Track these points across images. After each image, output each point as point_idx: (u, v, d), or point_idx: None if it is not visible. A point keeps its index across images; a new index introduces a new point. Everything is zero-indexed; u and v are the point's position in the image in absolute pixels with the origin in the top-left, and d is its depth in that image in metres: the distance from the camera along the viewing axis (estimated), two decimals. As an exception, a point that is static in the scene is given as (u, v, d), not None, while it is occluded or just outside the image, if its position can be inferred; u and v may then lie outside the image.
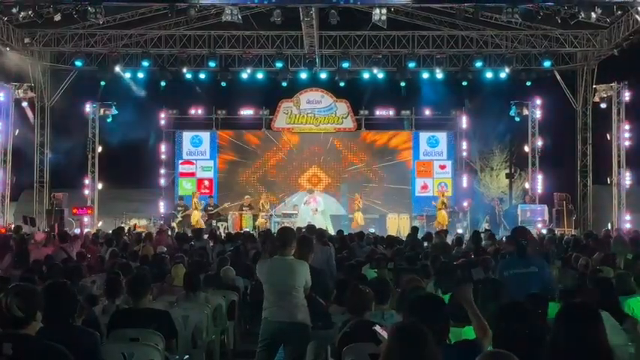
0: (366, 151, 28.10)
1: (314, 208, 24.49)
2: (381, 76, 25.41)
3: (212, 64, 24.85)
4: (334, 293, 8.70)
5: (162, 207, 26.98)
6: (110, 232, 19.04)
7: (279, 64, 24.78)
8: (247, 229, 22.73)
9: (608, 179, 24.57)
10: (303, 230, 13.21)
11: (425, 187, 27.89)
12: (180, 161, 28.11)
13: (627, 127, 23.84)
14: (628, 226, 22.02)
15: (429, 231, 19.01)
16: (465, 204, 26.28)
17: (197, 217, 24.05)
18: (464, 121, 27.72)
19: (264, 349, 7.43)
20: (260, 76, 25.69)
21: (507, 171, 29.22)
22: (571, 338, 3.99)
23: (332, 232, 21.11)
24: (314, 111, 27.77)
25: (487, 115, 27.13)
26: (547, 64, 24.45)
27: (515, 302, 4.70)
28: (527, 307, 4.53)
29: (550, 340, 4.08)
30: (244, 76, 25.44)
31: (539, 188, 26.54)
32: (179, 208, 25.22)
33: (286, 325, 7.29)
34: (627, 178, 23.81)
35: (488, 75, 25.37)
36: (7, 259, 12.55)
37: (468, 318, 5.03)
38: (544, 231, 21.57)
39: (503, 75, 25.27)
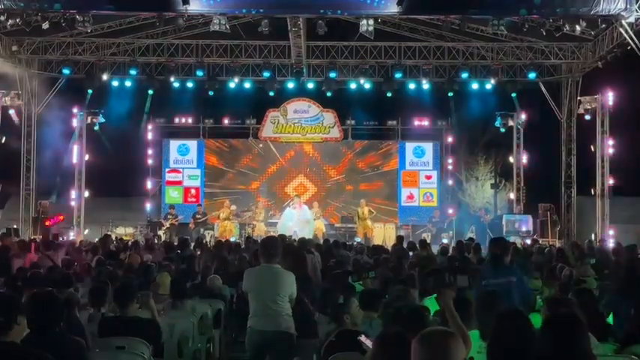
0: (352, 160, 28.18)
1: (298, 211, 24.52)
2: (367, 86, 25.53)
3: (200, 73, 24.88)
4: (320, 302, 8.76)
5: (148, 215, 26.94)
6: (96, 240, 19.01)
7: (266, 74, 24.82)
8: (233, 238, 22.72)
9: (592, 190, 24.75)
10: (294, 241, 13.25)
11: (411, 197, 28.00)
12: (167, 169, 28.10)
13: (611, 139, 24.03)
14: (611, 239, 22.12)
15: (413, 240, 19.11)
16: (450, 213, 26.41)
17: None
18: (449, 132, 27.87)
19: (252, 358, 7.49)
20: (247, 85, 25.74)
21: (492, 181, 29.42)
22: (558, 348, 4.04)
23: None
24: (301, 121, 27.84)
25: (472, 125, 27.29)
26: (532, 75, 24.61)
27: (515, 310, 4.73)
28: (526, 315, 4.56)
29: (537, 350, 4.13)
30: (232, 85, 25.48)
31: (524, 199, 26.73)
32: (169, 217, 25.22)
33: (271, 334, 7.34)
34: (611, 190, 23.94)
35: (474, 86, 25.54)
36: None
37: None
38: (528, 241, 21.73)
39: (488, 86, 25.44)
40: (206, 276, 11.12)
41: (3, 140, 24.56)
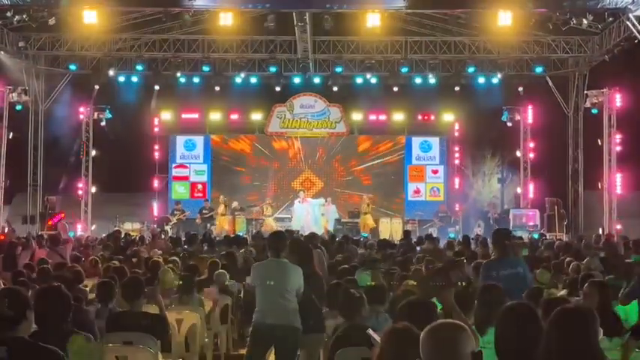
0: (359, 155, 28.16)
1: (305, 205, 24.53)
2: (374, 81, 25.50)
3: (206, 68, 24.88)
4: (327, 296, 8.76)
5: (155, 211, 27.00)
6: (104, 235, 19.04)
7: (272, 69, 24.84)
8: (240, 233, 22.77)
9: (599, 184, 24.69)
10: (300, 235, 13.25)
11: (417, 191, 27.99)
12: (173, 165, 28.14)
13: (618, 133, 23.97)
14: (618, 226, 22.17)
15: (420, 235, 19.12)
16: (457, 209, 26.38)
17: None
18: (456, 127, 27.82)
19: (254, 351, 7.49)
20: (253, 80, 25.74)
21: (499, 176, 29.38)
22: (564, 342, 4.02)
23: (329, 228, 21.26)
24: (307, 115, 27.82)
25: (479, 120, 27.25)
26: (539, 69, 24.57)
27: (521, 303, 4.71)
28: (533, 308, 4.54)
29: (543, 344, 4.11)
30: (238, 80, 25.50)
31: (531, 193, 26.70)
32: (176, 212, 25.27)
33: (276, 328, 7.35)
34: (618, 184, 23.91)
35: (481, 80, 25.48)
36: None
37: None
38: (535, 236, 21.69)
39: (495, 80, 25.41)
40: (213, 271, 11.12)
41: (10, 136, 24.59)
